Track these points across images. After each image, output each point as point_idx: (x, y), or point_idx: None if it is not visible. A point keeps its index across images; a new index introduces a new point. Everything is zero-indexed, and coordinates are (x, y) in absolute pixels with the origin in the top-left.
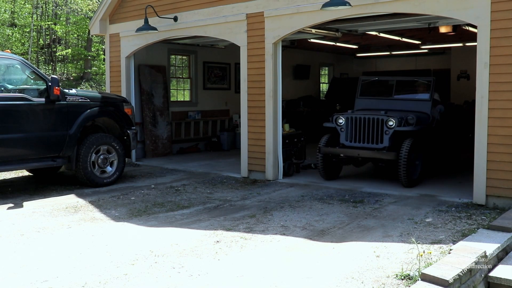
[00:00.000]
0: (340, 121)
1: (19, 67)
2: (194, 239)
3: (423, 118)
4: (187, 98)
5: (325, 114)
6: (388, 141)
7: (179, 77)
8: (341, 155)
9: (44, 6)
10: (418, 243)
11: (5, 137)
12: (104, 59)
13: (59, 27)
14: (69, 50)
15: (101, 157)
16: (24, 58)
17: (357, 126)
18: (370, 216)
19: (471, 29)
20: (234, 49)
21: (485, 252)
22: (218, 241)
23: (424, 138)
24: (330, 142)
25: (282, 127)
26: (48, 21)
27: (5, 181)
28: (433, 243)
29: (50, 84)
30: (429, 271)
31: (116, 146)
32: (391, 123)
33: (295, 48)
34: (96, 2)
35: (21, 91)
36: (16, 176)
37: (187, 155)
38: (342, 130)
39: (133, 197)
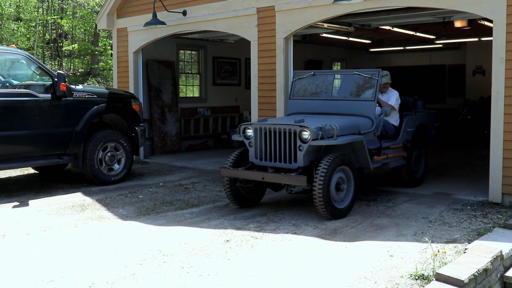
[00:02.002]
0: (248, 132)
1: (24, 62)
2: (203, 238)
3: (362, 125)
4: (196, 94)
5: None
6: (303, 160)
7: (188, 73)
8: (239, 178)
9: (50, 0)
10: (433, 242)
11: (10, 134)
12: (111, 54)
13: (65, 21)
14: (76, 45)
15: (109, 154)
16: (29, 53)
17: (266, 140)
18: (383, 214)
19: (486, 23)
20: (244, 44)
21: (501, 252)
22: (228, 240)
23: (359, 152)
24: (241, 159)
25: None
26: (54, 15)
27: (10, 179)
28: (448, 242)
29: (56, 79)
30: (444, 271)
31: (124, 143)
32: (306, 136)
33: (306, 43)
34: None
35: (26, 87)
36: (21, 174)
37: (196, 152)
38: (251, 144)
39: (141, 195)
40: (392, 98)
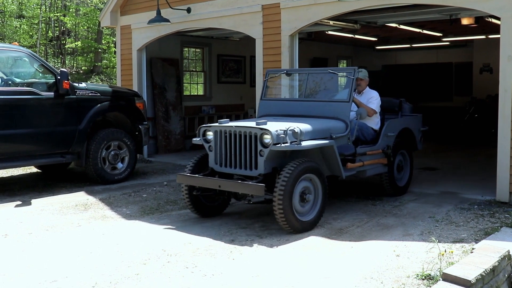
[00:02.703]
0: (209, 135)
1: (27, 60)
2: (208, 238)
3: (335, 128)
4: (201, 92)
5: None
6: (264, 166)
7: (193, 71)
8: (197, 186)
9: None
10: (439, 242)
11: (12, 132)
12: (115, 51)
13: (68, 18)
14: (79, 42)
15: (112, 153)
16: (32, 50)
17: (226, 144)
18: (389, 214)
19: (494, 20)
20: (249, 41)
21: (508, 252)
22: (232, 240)
23: (330, 158)
24: (202, 164)
25: None
26: (57, 13)
27: (13, 178)
28: (454, 242)
29: (59, 77)
30: (450, 271)
31: (128, 141)
32: (267, 140)
33: (312, 41)
34: None
35: (29, 85)
36: (24, 172)
37: (200, 151)
38: (211, 148)
39: (145, 194)
40: (373, 100)
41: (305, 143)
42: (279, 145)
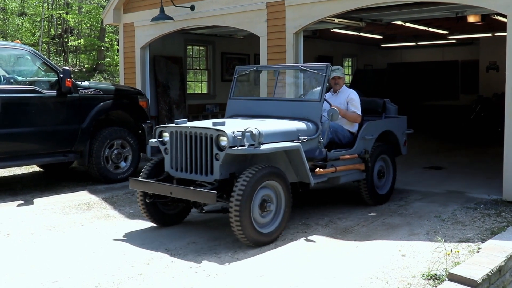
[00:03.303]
0: (165, 137)
1: (29, 58)
2: (212, 237)
3: (303, 130)
4: (205, 91)
5: None
6: (220, 171)
7: (196, 69)
8: (150, 192)
9: None
10: (445, 241)
11: (14, 131)
12: (118, 49)
13: (71, 16)
14: (82, 40)
15: (115, 152)
16: (34, 48)
17: (183, 146)
18: (395, 213)
19: (500, 18)
20: (253, 39)
21: None
22: (236, 240)
23: (297, 164)
24: (160, 168)
25: None
26: (60, 10)
27: (15, 177)
28: (461, 241)
29: (61, 76)
30: (456, 270)
31: (131, 140)
32: (224, 142)
33: (317, 39)
34: None
35: (31, 83)
36: (26, 171)
37: None
38: (167, 151)
39: None
40: (355, 103)
41: (265, 146)
42: (236, 148)
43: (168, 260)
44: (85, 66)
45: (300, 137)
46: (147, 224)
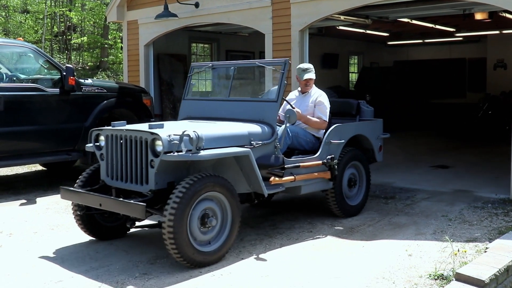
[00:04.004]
0: (102, 141)
1: (32, 55)
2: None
3: (257, 134)
4: (209, 89)
5: None
6: (155, 180)
7: None
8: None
9: None
10: (453, 241)
11: (17, 129)
12: (121, 47)
13: (74, 13)
14: (85, 38)
15: None
16: (37, 46)
17: (118, 151)
18: (402, 212)
19: (508, 15)
20: (258, 37)
21: None
22: (241, 239)
23: (248, 172)
24: (96, 177)
25: None
26: (63, 7)
27: (17, 176)
28: (468, 241)
29: (64, 73)
30: (464, 270)
31: None
32: (159, 147)
33: (322, 36)
34: None
35: (34, 81)
36: (29, 170)
37: None
38: (102, 157)
39: None
40: (323, 107)
41: (206, 152)
42: (172, 154)
43: (172, 259)
44: (88, 64)
45: (252, 142)
46: (151, 223)
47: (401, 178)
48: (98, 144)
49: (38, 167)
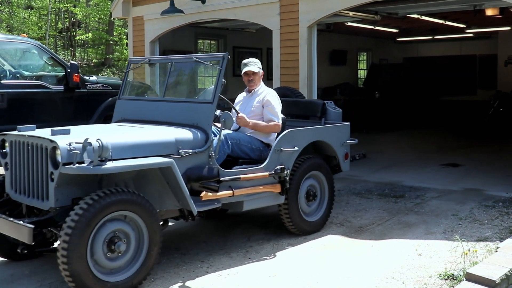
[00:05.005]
0: (8, 147)
1: (36, 52)
2: (223, 237)
3: (187, 140)
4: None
5: (364, 103)
6: (55, 197)
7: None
8: None
9: None
10: (463, 240)
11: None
12: (127, 43)
13: (78, 9)
14: (90, 34)
15: None
16: (41, 42)
17: (21, 160)
18: (411, 211)
19: None
20: (266, 33)
21: None
22: (248, 239)
23: (173, 186)
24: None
25: None
26: (67, 3)
27: None
28: (478, 240)
29: (69, 70)
30: (474, 270)
31: None
32: (59, 157)
33: (331, 32)
34: None
35: (38, 78)
36: None
37: None
38: (8, 166)
39: None
40: (272, 108)
41: (113, 164)
42: (71, 166)
43: (178, 259)
44: (93, 60)
45: (180, 151)
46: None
47: (411, 176)
48: (4, 151)
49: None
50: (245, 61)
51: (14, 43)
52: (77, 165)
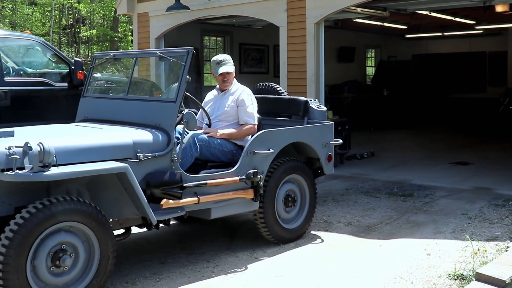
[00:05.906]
0: None
1: (39, 49)
2: (229, 236)
3: (147, 143)
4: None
5: (372, 100)
6: None
7: None
8: None
9: None
10: (473, 240)
11: (24, 125)
12: (132, 40)
13: (83, 5)
14: (94, 30)
15: None
16: (45, 39)
17: None
18: (420, 210)
19: None
20: (272, 29)
21: None
22: (255, 239)
23: (130, 193)
24: None
25: None
26: (71, 0)
27: None
28: (488, 240)
29: (73, 67)
30: (484, 270)
31: None
32: None
33: (339, 29)
34: None
35: (41, 75)
36: None
37: None
38: None
39: None
40: (244, 104)
41: (57, 170)
42: (7, 172)
43: (184, 259)
44: None
45: (139, 154)
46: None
47: (420, 175)
48: None
49: None
50: (216, 58)
51: (18, 40)
52: (16, 171)
